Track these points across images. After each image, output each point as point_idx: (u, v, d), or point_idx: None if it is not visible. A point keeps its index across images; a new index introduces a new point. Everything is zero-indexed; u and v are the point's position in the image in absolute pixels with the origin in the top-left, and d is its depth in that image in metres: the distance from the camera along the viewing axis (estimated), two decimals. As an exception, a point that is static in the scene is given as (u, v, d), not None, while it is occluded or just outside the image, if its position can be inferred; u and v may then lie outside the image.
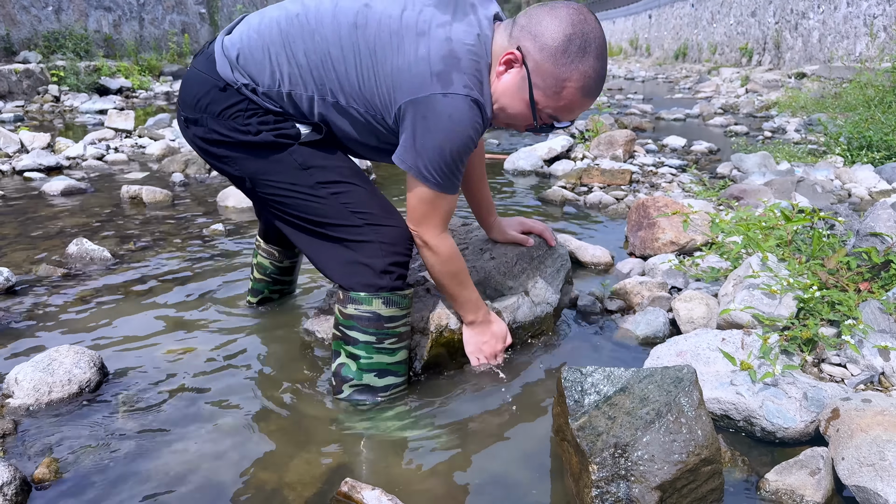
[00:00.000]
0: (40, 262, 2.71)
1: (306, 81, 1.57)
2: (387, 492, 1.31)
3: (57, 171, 4.67)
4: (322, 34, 1.55)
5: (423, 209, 1.60)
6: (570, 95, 1.50)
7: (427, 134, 1.48)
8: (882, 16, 10.06)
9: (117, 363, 1.91)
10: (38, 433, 1.57)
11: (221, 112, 1.60)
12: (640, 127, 7.07)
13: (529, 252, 2.06)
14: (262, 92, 1.60)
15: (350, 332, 1.65)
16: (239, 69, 1.60)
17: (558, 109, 1.53)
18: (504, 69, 1.52)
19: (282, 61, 1.57)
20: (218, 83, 1.60)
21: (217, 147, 1.65)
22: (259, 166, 1.63)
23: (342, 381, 1.68)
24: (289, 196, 1.65)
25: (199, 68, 1.65)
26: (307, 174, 1.62)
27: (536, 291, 2.01)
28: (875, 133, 4.67)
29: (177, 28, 13.59)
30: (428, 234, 1.63)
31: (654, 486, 1.26)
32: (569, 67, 1.46)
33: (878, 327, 1.81)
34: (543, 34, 1.46)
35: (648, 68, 21.39)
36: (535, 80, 1.49)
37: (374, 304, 1.62)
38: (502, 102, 1.55)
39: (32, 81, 8.98)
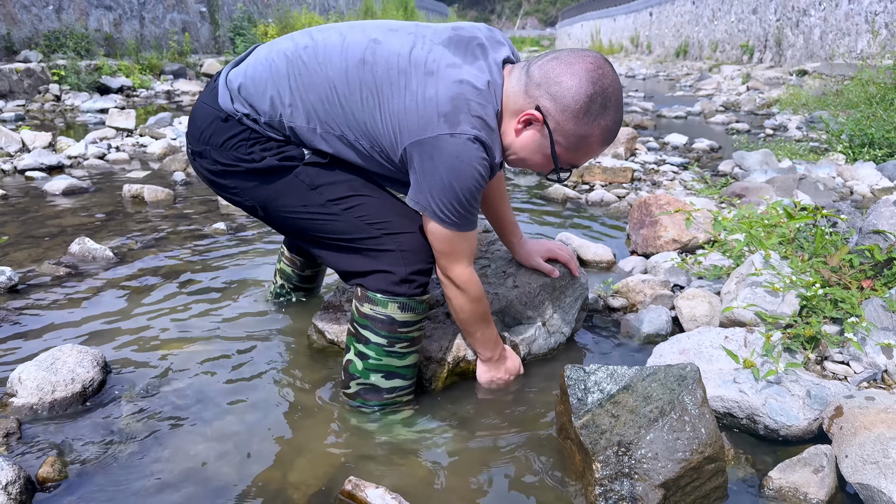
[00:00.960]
0: (42, 261, 2.71)
1: (309, 114, 1.56)
2: (390, 490, 1.31)
3: (58, 170, 4.67)
4: (329, 68, 1.54)
5: (443, 248, 1.58)
6: (591, 148, 1.52)
7: (435, 175, 1.46)
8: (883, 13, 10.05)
9: (120, 362, 1.92)
10: (41, 432, 1.57)
11: (224, 143, 1.61)
12: (641, 125, 7.06)
13: (553, 283, 1.99)
14: (264, 122, 1.60)
15: (363, 331, 1.64)
16: (240, 99, 1.60)
17: (577, 158, 1.55)
18: (523, 127, 1.51)
19: (284, 92, 1.56)
20: (220, 114, 1.62)
21: (224, 178, 1.66)
22: (268, 193, 1.64)
23: (350, 377, 1.69)
24: (302, 218, 1.64)
25: (204, 101, 1.67)
26: (316, 193, 1.61)
27: (553, 322, 1.99)
28: (877, 130, 4.67)
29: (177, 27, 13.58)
30: (454, 271, 1.61)
31: (657, 484, 1.26)
32: (591, 126, 1.47)
33: (881, 325, 1.81)
34: (565, 96, 1.44)
35: (649, 66, 21.36)
36: (558, 138, 1.49)
37: (390, 308, 1.61)
38: (522, 155, 1.56)
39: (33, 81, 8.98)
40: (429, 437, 1.59)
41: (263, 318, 2.23)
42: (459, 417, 1.68)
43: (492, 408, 1.73)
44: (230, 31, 15.03)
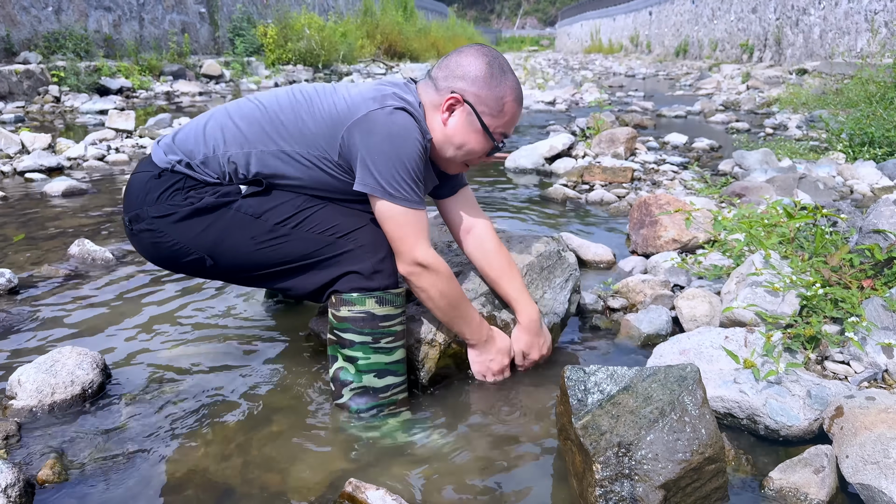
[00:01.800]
0: (42, 263, 2.71)
1: (248, 138, 1.64)
2: (391, 492, 1.31)
3: (58, 171, 4.67)
4: (260, 101, 1.70)
5: (399, 233, 1.60)
6: (509, 108, 1.67)
7: (375, 147, 1.55)
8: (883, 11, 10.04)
9: (120, 364, 1.92)
10: (41, 435, 1.57)
11: (159, 196, 1.63)
12: (641, 124, 7.06)
13: (539, 263, 2.02)
14: (200, 162, 1.64)
15: (345, 334, 1.63)
16: (174, 148, 1.67)
17: (504, 124, 1.69)
18: (448, 114, 1.66)
19: (221, 127, 1.66)
20: (153, 172, 1.66)
21: (164, 236, 1.64)
22: (213, 236, 1.62)
23: (342, 385, 1.66)
24: (254, 251, 1.63)
25: (136, 171, 1.72)
26: (262, 222, 1.62)
27: (544, 302, 1.99)
28: (877, 129, 4.66)
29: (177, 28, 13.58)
30: (416, 254, 1.60)
31: (658, 485, 1.25)
32: (501, 86, 1.65)
33: (881, 324, 1.81)
34: (469, 72, 1.64)
35: (649, 65, 21.36)
36: (481, 109, 1.64)
37: (368, 304, 1.61)
38: (458, 141, 1.67)
39: (33, 82, 8.98)
40: (427, 437, 1.59)
41: (262, 320, 2.23)
42: (459, 419, 1.68)
43: (492, 409, 1.73)
44: (230, 31, 15.03)
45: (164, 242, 1.65)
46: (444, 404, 1.74)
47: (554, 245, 2.08)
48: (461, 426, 1.64)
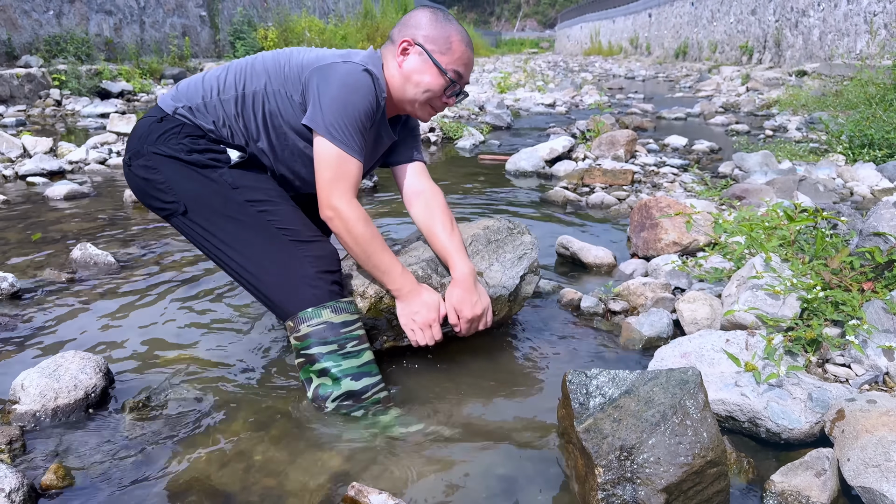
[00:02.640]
0: (44, 267, 2.71)
1: (237, 81, 1.81)
2: (393, 496, 1.32)
3: (60, 175, 4.68)
4: (250, 57, 1.90)
5: (330, 175, 1.70)
6: (457, 47, 1.84)
7: (328, 92, 1.71)
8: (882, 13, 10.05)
9: (123, 368, 1.92)
10: (44, 439, 1.58)
11: (159, 137, 1.79)
12: (641, 126, 7.07)
13: (486, 235, 2.05)
14: (196, 105, 1.80)
15: (311, 350, 1.67)
16: (178, 95, 1.84)
17: (455, 61, 1.84)
18: (403, 57, 1.83)
19: (215, 76, 1.85)
20: (156, 116, 1.82)
21: (156, 173, 1.78)
22: (194, 188, 1.76)
23: (322, 399, 1.69)
24: (220, 219, 1.75)
25: (143, 118, 1.87)
26: (237, 192, 1.76)
27: (492, 274, 1.98)
28: (877, 131, 4.67)
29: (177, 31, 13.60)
30: (337, 199, 1.70)
31: (660, 489, 1.26)
32: (446, 28, 1.84)
33: (882, 327, 1.82)
34: (417, 21, 1.85)
35: (649, 67, 21.38)
36: (430, 47, 1.82)
37: (325, 315, 1.68)
38: (415, 79, 1.82)
39: (34, 86, 9.00)
40: (429, 442, 1.60)
41: (264, 324, 2.23)
42: (460, 422, 1.68)
43: (493, 412, 1.73)
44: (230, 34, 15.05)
45: (155, 179, 1.79)
46: (444, 408, 1.74)
47: (504, 223, 2.12)
48: (462, 430, 1.65)
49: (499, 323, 2.05)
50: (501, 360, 2.01)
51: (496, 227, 2.10)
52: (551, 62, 28.35)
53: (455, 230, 1.93)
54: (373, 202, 3.97)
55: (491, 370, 1.95)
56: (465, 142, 6.18)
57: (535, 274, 2.09)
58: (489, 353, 2.05)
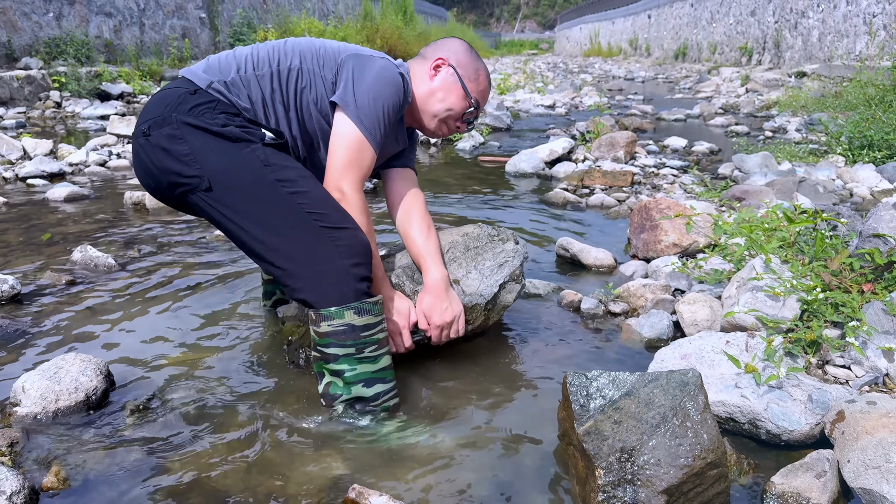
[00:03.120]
0: (45, 269, 2.72)
1: (271, 58, 1.81)
2: (394, 497, 1.32)
3: (60, 177, 4.68)
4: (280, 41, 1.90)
5: (347, 157, 1.72)
6: (482, 79, 1.98)
7: (363, 79, 1.76)
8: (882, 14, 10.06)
9: (123, 371, 1.92)
10: (45, 441, 1.58)
11: (191, 109, 1.69)
12: (640, 128, 7.08)
13: (465, 242, 2.04)
14: (232, 79, 1.76)
15: (328, 349, 1.64)
16: (210, 70, 1.79)
17: (479, 92, 1.97)
18: (434, 73, 1.93)
19: (247, 52, 1.83)
20: (189, 88, 1.74)
21: (181, 143, 1.65)
22: (223, 161, 1.65)
23: (332, 399, 1.68)
24: (247, 198, 1.64)
25: (165, 88, 1.79)
26: (268, 170, 1.66)
27: (469, 282, 1.95)
28: (876, 132, 4.67)
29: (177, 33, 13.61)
30: (347, 183, 1.72)
31: (660, 491, 1.26)
32: (476, 62, 1.97)
33: (881, 329, 1.82)
34: (452, 47, 1.97)
35: (648, 68, 21.39)
36: (461, 72, 1.93)
37: (347, 317, 1.61)
38: (440, 95, 1.92)
39: (34, 88, 9.00)
40: (429, 444, 1.60)
41: (264, 326, 2.23)
42: (460, 424, 1.68)
43: (493, 414, 1.73)
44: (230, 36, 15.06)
45: (178, 150, 1.65)
46: (444, 410, 1.74)
47: (486, 229, 2.08)
48: (462, 432, 1.65)
49: (475, 331, 2.02)
50: (501, 362, 2.02)
51: (476, 233, 2.07)
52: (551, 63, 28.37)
53: (431, 235, 1.93)
54: (371, 200, 3.97)
55: (491, 372, 1.95)
56: (465, 143, 6.18)
57: (516, 282, 2.03)
58: (489, 354, 2.05)
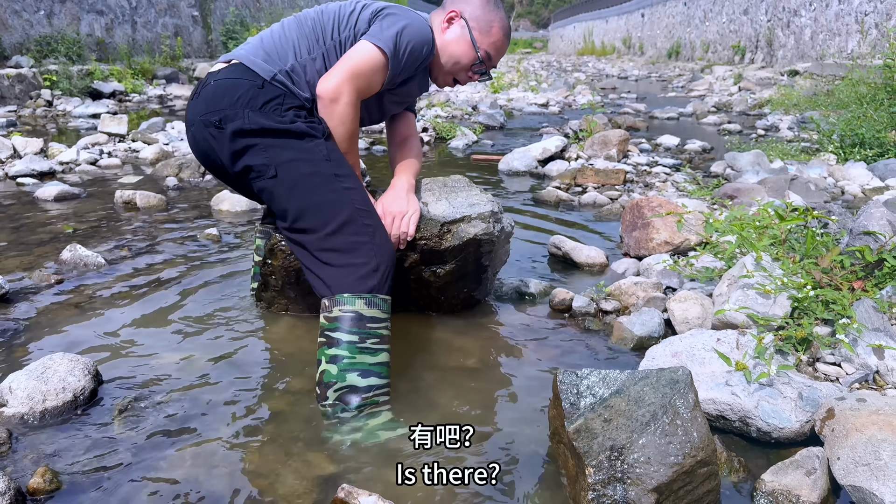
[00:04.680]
0: (34, 268, 2.70)
1: (316, 35, 1.92)
2: (383, 497, 1.31)
3: (50, 176, 4.65)
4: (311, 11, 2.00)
5: (359, 65, 1.81)
6: (496, 33, 2.02)
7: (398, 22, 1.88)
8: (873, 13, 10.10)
9: (112, 371, 1.91)
10: (32, 442, 1.56)
11: (263, 105, 1.82)
12: (633, 126, 7.08)
13: (444, 181, 2.24)
14: (292, 67, 1.88)
15: (334, 333, 1.69)
16: (270, 59, 1.89)
17: (490, 45, 2.02)
18: (447, 25, 2.01)
19: (292, 32, 1.94)
20: (255, 82, 1.84)
21: (253, 137, 1.81)
22: (290, 154, 1.81)
23: (326, 387, 1.68)
24: (309, 187, 1.79)
25: (227, 77, 1.87)
26: (329, 164, 1.82)
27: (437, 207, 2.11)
28: (867, 130, 4.69)
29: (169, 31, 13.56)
30: (347, 89, 1.80)
31: (650, 489, 1.26)
32: (493, 14, 2.02)
33: (872, 326, 1.82)
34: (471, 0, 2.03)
35: (642, 67, 21.43)
36: (472, 25, 2.00)
37: (357, 305, 1.70)
38: (450, 49, 2.00)
39: (25, 86, 8.95)
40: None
41: (254, 327, 2.22)
42: (448, 420, 1.67)
43: (483, 412, 1.73)
44: (222, 34, 15.01)
45: (252, 143, 1.82)
46: (433, 409, 1.74)
47: (466, 180, 2.29)
48: (454, 430, 1.64)
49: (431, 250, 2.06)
50: (491, 360, 2.01)
51: (456, 178, 2.28)
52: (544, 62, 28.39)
53: (414, 160, 2.15)
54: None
55: (481, 369, 1.95)
56: (458, 142, 6.18)
57: (483, 222, 2.11)
58: (479, 352, 2.05)
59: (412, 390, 1.82)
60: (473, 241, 2.09)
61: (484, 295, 2.37)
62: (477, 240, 2.09)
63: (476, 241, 2.09)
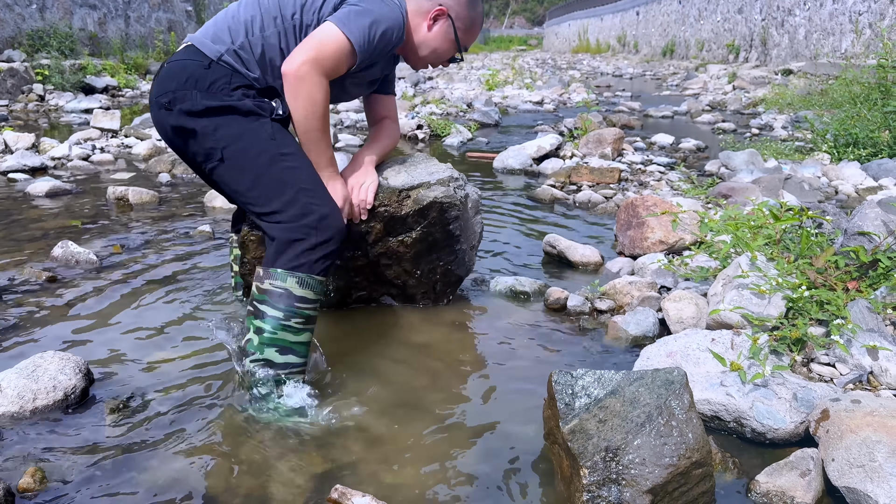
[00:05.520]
0: (24, 265, 2.67)
1: (272, 13, 1.86)
2: (377, 498, 1.30)
3: (42, 171, 4.62)
4: None
5: (324, 48, 1.76)
6: (476, 29, 2.07)
7: (367, 7, 1.82)
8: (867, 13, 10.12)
9: (103, 369, 1.89)
10: (22, 441, 1.55)
11: (209, 86, 1.81)
12: (628, 124, 7.08)
13: (404, 158, 2.26)
14: (241, 45, 1.84)
15: (261, 306, 1.73)
16: (218, 38, 1.85)
17: (468, 39, 2.06)
18: (433, 22, 1.99)
19: (246, 11, 1.88)
20: (202, 62, 1.83)
21: (201, 118, 1.80)
22: (236, 132, 1.80)
23: (245, 354, 1.74)
24: (253, 164, 1.80)
25: (177, 59, 1.87)
26: (274, 143, 1.82)
27: (395, 177, 2.13)
28: (861, 130, 4.70)
29: (163, 26, 13.48)
30: (316, 69, 1.75)
31: (645, 490, 1.25)
32: (475, 11, 2.04)
33: (866, 326, 1.82)
34: None
35: (636, 65, 21.44)
36: (458, 24, 2.00)
37: (289, 283, 1.72)
38: (434, 45, 2.01)
39: (17, 80, 8.89)
40: (414, 443, 1.58)
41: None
42: (445, 422, 1.67)
43: (479, 413, 1.72)
44: (216, 30, 14.93)
45: (192, 125, 1.80)
46: (429, 409, 1.73)
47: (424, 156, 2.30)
48: (447, 430, 1.64)
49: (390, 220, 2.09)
50: (486, 360, 2.01)
51: (415, 154, 2.32)
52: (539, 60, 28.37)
53: (386, 139, 2.17)
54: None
55: (475, 369, 1.94)
56: (452, 139, 6.16)
57: (442, 185, 2.14)
58: (472, 351, 2.04)
59: (405, 389, 1.81)
60: (435, 203, 2.11)
61: (465, 271, 2.36)
62: (438, 202, 2.12)
63: (437, 203, 2.12)
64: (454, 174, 2.22)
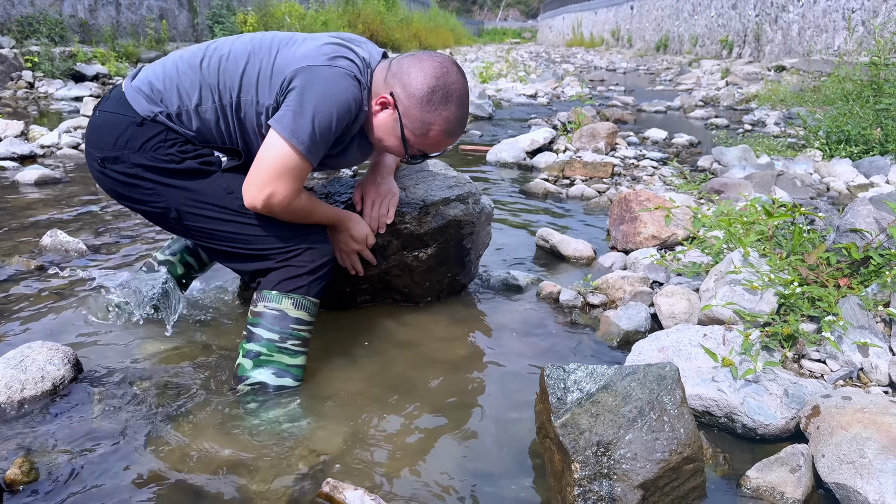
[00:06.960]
0: (13, 254, 2.65)
1: (211, 86, 1.69)
2: (369, 491, 1.30)
3: (31, 159, 4.57)
4: (220, 50, 1.73)
5: (278, 167, 1.60)
6: (434, 136, 1.71)
7: (305, 94, 1.59)
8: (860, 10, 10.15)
9: (92, 360, 1.87)
10: (9, 432, 1.53)
11: (142, 145, 1.68)
12: (621, 119, 7.08)
13: (419, 168, 2.24)
14: (174, 113, 1.70)
15: (256, 329, 1.70)
16: (153, 99, 1.71)
17: (425, 146, 1.74)
18: (379, 109, 1.71)
19: (185, 76, 1.71)
20: (135, 119, 1.69)
21: (141, 180, 1.70)
22: (186, 195, 1.70)
23: (239, 380, 1.71)
24: (217, 221, 1.71)
25: (109, 110, 1.73)
26: (233, 198, 1.70)
27: (414, 190, 2.12)
28: (853, 127, 4.71)
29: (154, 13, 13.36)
30: (276, 200, 1.62)
31: (636, 485, 1.25)
32: (433, 114, 1.67)
33: (857, 323, 1.83)
34: (411, 84, 1.65)
35: (630, 59, 21.45)
36: (405, 122, 1.69)
37: (284, 304, 1.69)
38: (378, 135, 1.75)
39: (6, 67, 8.78)
40: (405, 437, 1.58)
41: (237, 317, 2.19)
42: (437, 416, 1.67)
43: (470, 406, 1.72)
44: (209, 18, 14.82)
45: (140, 186, 1.71)
46: (421, 402, 1.73)
47: (441, 164, 2.30)
48: (439, 424, 1.63)
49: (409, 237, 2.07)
50: (477, 353, 2.00)
51: (433, 162, 2.29)
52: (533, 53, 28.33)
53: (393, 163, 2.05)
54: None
55: (466, 362, 1.94)
56: (445, 131, 6.14)
57: (462, 202, 2.13)
58: (465, 345, 2.04)
59: (397, 383, 1.81)
60: (454, 222, 2.10)
61: (469, 279, 2.36)
62: (458, 221, 2.10)
63: (457, 222, 2.10)
64: (472, 189, 2.19)
